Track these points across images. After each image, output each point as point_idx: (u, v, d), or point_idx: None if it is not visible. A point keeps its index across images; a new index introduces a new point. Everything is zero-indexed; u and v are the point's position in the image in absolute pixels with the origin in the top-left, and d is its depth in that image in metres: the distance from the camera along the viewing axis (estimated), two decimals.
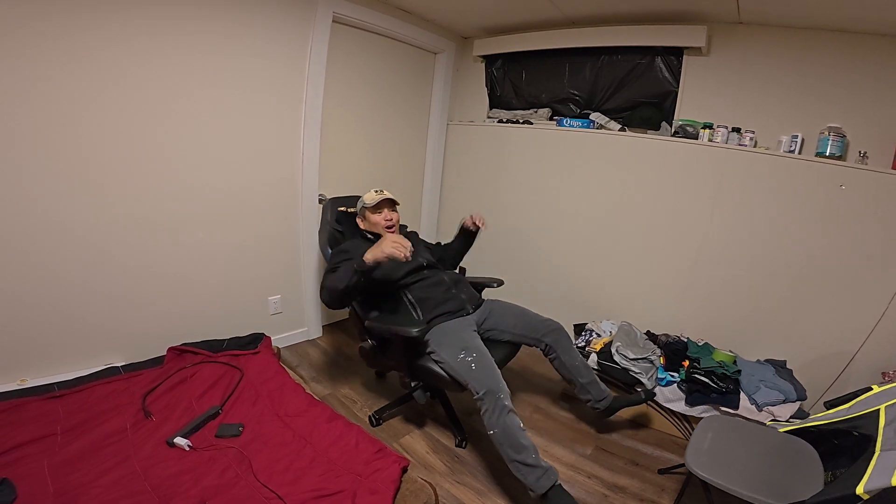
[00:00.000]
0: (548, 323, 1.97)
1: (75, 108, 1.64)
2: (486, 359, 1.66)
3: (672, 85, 2.25)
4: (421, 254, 1.99)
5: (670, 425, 2.12)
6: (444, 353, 1.69)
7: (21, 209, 1.61)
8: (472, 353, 1.65)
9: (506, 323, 1.96)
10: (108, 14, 1.62)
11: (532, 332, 1.94)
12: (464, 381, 1.62)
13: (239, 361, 2.04)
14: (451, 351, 1.68)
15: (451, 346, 1.70)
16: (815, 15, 1.78)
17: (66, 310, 1.78)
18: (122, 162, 1.79)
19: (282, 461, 1.54)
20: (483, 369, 1.62)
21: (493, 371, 1.63)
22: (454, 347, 1.69)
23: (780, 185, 1.99)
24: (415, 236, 2.14)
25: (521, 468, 1.51)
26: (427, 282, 1.92)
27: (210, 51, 1.90)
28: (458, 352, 1.66)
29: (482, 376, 1.59)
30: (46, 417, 1.53)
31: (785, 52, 1.96)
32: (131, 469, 1.41)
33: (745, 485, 1.31)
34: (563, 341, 1.95)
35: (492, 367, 1.64)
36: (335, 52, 2.33)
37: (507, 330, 1.95)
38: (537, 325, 1.95)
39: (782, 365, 2.08)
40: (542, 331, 1.93)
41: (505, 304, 2.05)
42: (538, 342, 1.94)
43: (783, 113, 1.99)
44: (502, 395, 1.57)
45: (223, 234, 2.15)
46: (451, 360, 1.66)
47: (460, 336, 1.74)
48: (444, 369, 1.69)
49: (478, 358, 1.64)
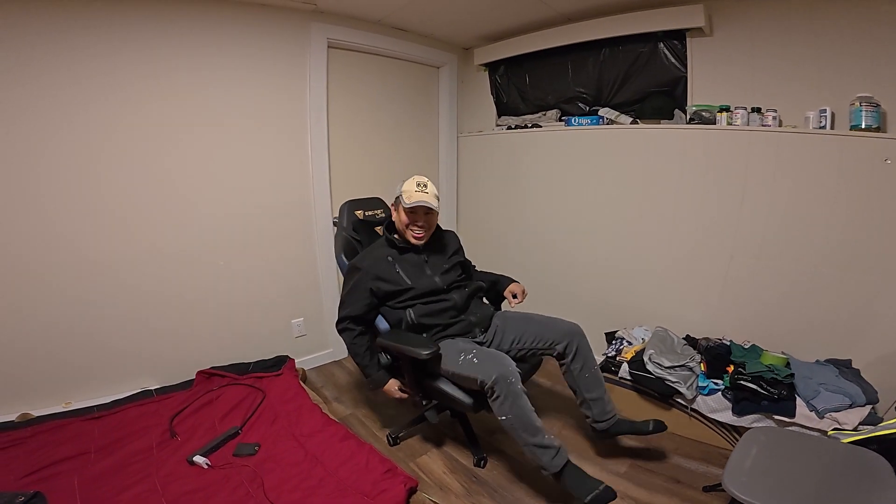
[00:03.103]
0: (562, 326, 1.76)
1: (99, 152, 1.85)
2: (486, 351, 1.61)
3: (680, 70, 2.11)
4: (440, 271, 1.83)
5: (718, 437, 1.90)
6: (446, 366, 1.64)
7: (61, 249, 1.81)
8: (472, 350, 1.60)
9: (507, 340, 1.79)
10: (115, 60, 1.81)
11: (539, 342, 1.76)
12: (472, 379, 1.53)
13: (262, 383, 2.12)
14: (450, 359, 1.62)
15: (450, 354, 1.64)
16: None
17: (105, 339, 1.96)
18: (145, 200, 1.97)
19: (292, 480, 1.57)
20: (487, 359, 1.55)
21: (498, 357, 1.55)
22: (453, 354, 1.63)
23: (816, 164, 1.78)
24: (446, 246, 1.92)
25: (535, 450, 1.49)
26: (433, 307, 1.76)
27: (215, 89, 2.06)
28: (458, 356, 1.60)
29: (488, 365, 1.51)
30: (84, 437, 1.68)
31: (793, 22, 1.79)
32: (151, 485, 1.49)
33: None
34: (579, 347, 1.73)
35: (495, 354, 1.58)
36: (336, 76, 2.43)
37: (511, 348, 1.78)
38: (546, 332, 1.76)
39: (847, 365, 1.81)
40: (551, 337, 1.74)
41: (515, 317, 1.87)
42: (550, 350, 1.75)
43: (805, 87, 1.79)
44: (513, 378, 1.48)
45: (242, 261, 2.28)
46: (453, 367, 1.60)
47: (457, 346, 1.68)
48: (453, 380, 1.63)
49: (478, 353, 1.58)
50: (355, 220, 2.02)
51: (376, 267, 1.73)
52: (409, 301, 1.75)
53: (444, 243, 1.92)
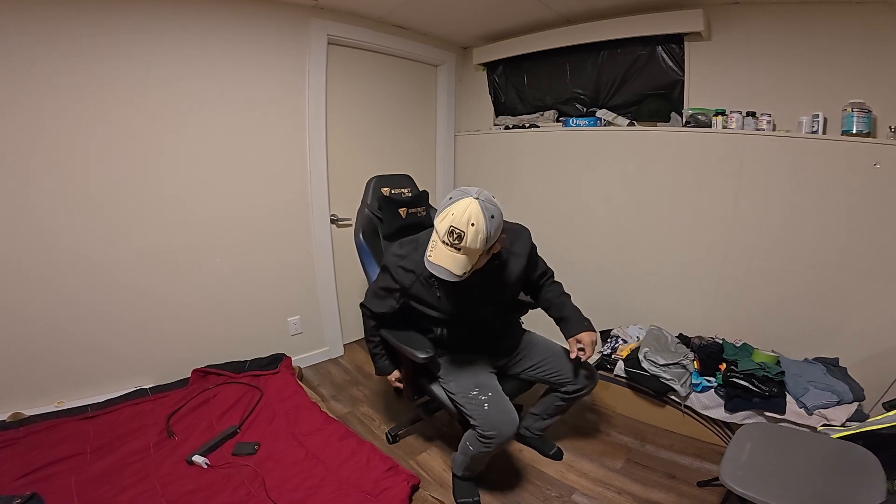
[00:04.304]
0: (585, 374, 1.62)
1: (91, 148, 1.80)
2: (500, 399, 1.47)
3: (677, 73, 2.15)
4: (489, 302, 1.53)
5: (710, 433, 1.95)
6: (454, 385, 1.53)
7: (53, 245, 1.77)
8: (487, 392, 1.48)
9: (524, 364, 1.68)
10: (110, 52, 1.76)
11: (555, 376, 1.64)
12: (471, 418, 1.45)
13: (259, 382, 2.10)
14: (462, 384, 1.51)
15: (463, 379, 1.53)
16: None
17: (98, 337, 1.91)
18: (138, 197, 1.93)
19: (293, 479, 1.56)
20: (497, 413, 1.43)
21: (508, 414, 1.44)
22: (467, 381, 1.52)
23: (807, 168, 1.83)
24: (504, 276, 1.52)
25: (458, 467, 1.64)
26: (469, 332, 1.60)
27: (213, 85, 2.02)
28: (472, 387, 1.49)
29: (495, 419, 1.42)
30: (78, 437, 1.64)
31: (790, 29, 1.83)
32: (150, 486, 1.47)
33: (792, 499, 1.17)
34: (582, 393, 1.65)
35: (507, 409, 1.45)
36: (335, 73, 2.41)
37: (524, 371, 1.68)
38: (568, 372, 1.61)
39: (834, 363, 1.87)
40: (570, 378, 1.61)
41: (541, 344, 1.71)
42: (560, 385, 1.64)
43: (799, 93, 1.84)
44: (510, 439, 1.44)
45: (238, 259, 2.25)
46: (460, 395, 1.50)
47: (474, 370, 1.56)
48: (453, 400, 1.53)
49: (493, 397, 1.47)
50: (380, 197, 1.90)
51: (414, 287, 1.46)
52: (444, 322, 1.58)
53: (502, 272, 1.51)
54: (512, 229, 1.51)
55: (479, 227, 1.18)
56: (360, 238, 1.83)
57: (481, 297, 1.49)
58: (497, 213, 1.24)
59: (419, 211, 2.02)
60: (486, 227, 1.18)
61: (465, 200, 1.20)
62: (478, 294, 1.47)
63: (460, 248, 1.20)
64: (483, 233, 1.18)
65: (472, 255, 1.22)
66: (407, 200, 1.97)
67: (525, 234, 1.56)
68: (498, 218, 1.24)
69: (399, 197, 1.96)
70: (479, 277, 1.40)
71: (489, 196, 1.25)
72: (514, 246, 1.51)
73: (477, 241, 1.19)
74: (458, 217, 1.19)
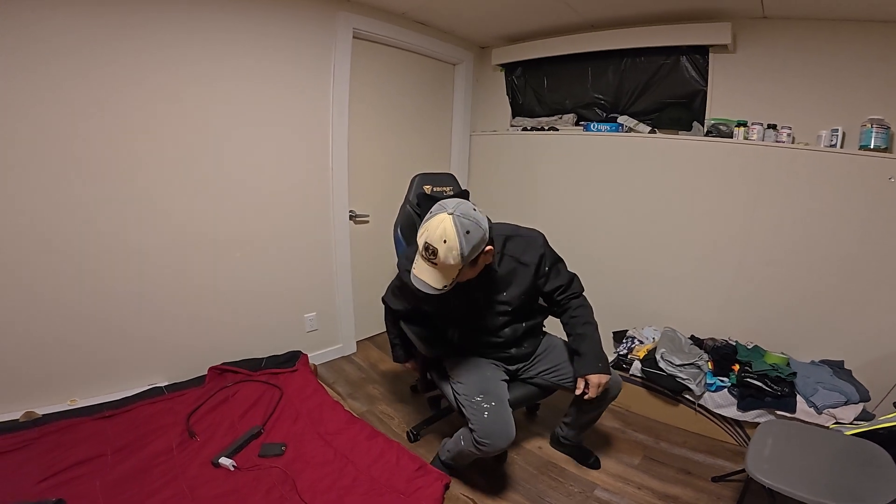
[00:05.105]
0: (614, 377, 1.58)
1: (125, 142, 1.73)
2: (502, 410, 1.45)
3: (700, 84, 2.20)
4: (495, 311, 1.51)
5: (722, 431, 2.03)
6: (461, 386, 1.53)
7: (65, 243, 1.68)
8: (491, 401, 1.45)
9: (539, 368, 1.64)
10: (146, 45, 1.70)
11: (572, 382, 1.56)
12: (469, 422, 1.45)
13: (278, 380, 2.05)
14: (470, 387, 1.51)
15: (471, 382, 1.52)
16: (839, 7, 1.74)
17: (111, 333, 1.83)
18: (159, 194, 1.85)
19: (325, 480, 1.53)
20: (495, 423, 1.42)
21: (506, 427, 1.42)
22: (474, 385, 1.51)
23: (824, 180, 1.91)
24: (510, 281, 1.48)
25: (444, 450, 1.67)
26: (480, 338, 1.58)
27: (239, 78, 1.96)
28: (476, 392, 1.48)
29: (493, 429, 1.41)
30: (97, 437, 1.56)
31: (815, 45, 1.90)
32: (179, 489, 1.42)
33: (814, 491, 1.23)
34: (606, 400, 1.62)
35: (506, 421, 1.43)
36: (357, 68, 2.36)
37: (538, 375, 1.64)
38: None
39: (840, 365, 1.97)
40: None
41: (561, 347, 1.68)
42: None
43: (820, 107, 1.92)
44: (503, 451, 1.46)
45: (258, 254, 2.19)
46: (465, 397, 1.50)
47: (484, 375, 1.55)
48: (457, 399, 1.53)
49: (496, 407, 1.44)
50: (420, 194, 1.90)
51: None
52: (453, 325, 1.60)
53: (507, 282, 1.47)
54: (523, 237, 1.48)
55: (452, 244, 1.17)
56: (398, 233, 1.87)
57: (487, 306, 1.49)
58: (474, 228, 1.21)
59: None
60: (459, 243, 1.18)
61: (440, 216, 1.20)
62: (483, 302, 1.48)
63: (436, 262, 1.21)
64: (456, 249, 1.18)
65: (448, 270, 1.22)
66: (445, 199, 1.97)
67: (536, 243, 1.48)
68: (475, 233, 1.21)
69: (441, 195, 1.95)
70: (480, 287, 1.42)
71: (468, 210, 1.23)
72: (524, 255, 1.46)
73: (449, 258, 1.19)
74: (431, 233, 1.20)
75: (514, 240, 1.46)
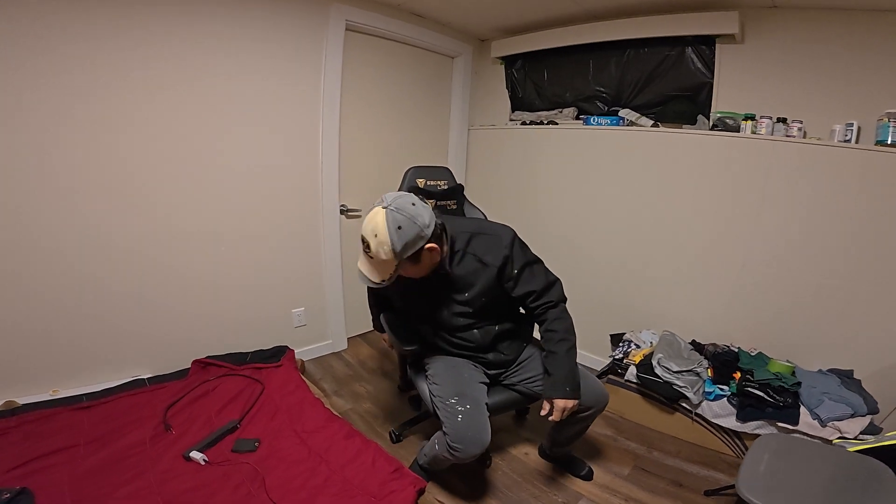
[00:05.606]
0: (594, 390, 1.48)
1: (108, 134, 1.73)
2: (477, 415, 1.38)
3: (706, 76, 2.09)
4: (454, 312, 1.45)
5: (719, 442, 1.93)
6: (437, 388, 1.46)
7: (51, 233, 1.68)
8: (466, 404, 1.38)
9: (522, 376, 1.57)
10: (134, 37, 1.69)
11: None
12: (443, 424, 1.39)
13: (261, 375, 2.03)
14: (444, 388, 1.44)
15: (447, 383, 1.46)
16: None
17: (97, 322, 1.83)
18: (143, 185, 1.84)
19: (296, 479, 1.51)
20: (468, 428, 1.35)
21: (480, 433, 1.35)
22: (449, 387, 1.44)
23: (837, 177, 1.79)
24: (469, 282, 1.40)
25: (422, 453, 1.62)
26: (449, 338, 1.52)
27: (231, 73, 1.95)
28: (451, 394, 1.41)
29: (465, 435, 1.34)
30: (73, 428, 1.57)
31: (827, 36, 1.78)
32: (147, 483, 1.41)
33: None
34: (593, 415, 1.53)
35: (480, 427, 1.36)
36: (350, 61, 2.32)
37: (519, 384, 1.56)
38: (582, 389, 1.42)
39: (849, 375, 1.85)
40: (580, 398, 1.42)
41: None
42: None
43: (833, 101, 1.79)
44: (476, 457, 1.37)
45: (244, 248, 2.17)
46: (440, 399, 1.43)
47: (461, 376, 1.48)
48: (432, 400, 1.47)
49: (470, 410, 1.37)
50: (412, 188, 1.85)
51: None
52: (420, 321, 1.57)
53: (467, 278, 1.39)
54: (488, 235, 1.39)
55: (383, 239, 1.15)
56: None
57: (445, 305, 1.43)
58: (408, 224, 1.16)
59: (449, 204, 1.96)
60: (389, 238, 1.14)
61: (376, 209, 1.18)
62: (443, 301, 1.43)
63: (371, 256, 1.19)
64: (387, 244, 1.15)
65: (383, 264, 1.20)
66: (438, 193, 1.92)
67: (501, 243, 1.36)
68: (409, 229, 1.16)
69: (434, 189, 1.91)
70: (440, 285, 1.38)
71: (404, 205, 1.18)
72: (486, 255, 1.36)
73: (381, 252, 1.17)
74: (365, 226, 1.18)
75: (478, 238, 1.38)
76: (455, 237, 1.35)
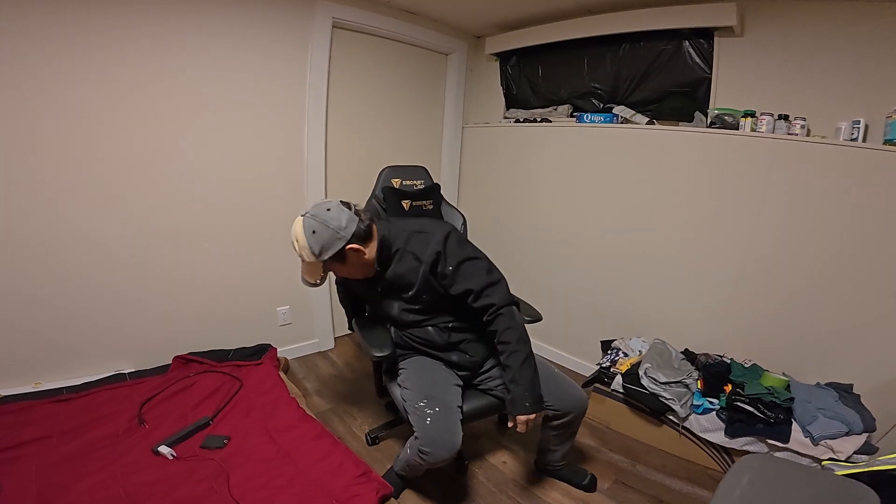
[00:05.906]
0: (572, 395, 1.48)
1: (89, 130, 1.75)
2: (447, 418, 1.35)
3: (704, 71, 1.98)
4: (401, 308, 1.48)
5: (707, 457, 1.83)
6: (407, 392, 1.44)
7: (36, 227, 1.71)
8: (435, 407, 1.36)
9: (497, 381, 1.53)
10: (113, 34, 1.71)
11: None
12: (413, 428, 1.37)
13: (241, 372, 2.04)
14: (413, 392, 1.42)
15: (416, 386, 1.44)
16: None
17: (82, 317, 1.87)
18: (127, 181, 1.87)
19: (260, 477, 1.50)
20: (438, 431, 1.32)
21: (450, 437, 1.32)
22: (419, 390, 1.42)
23: (842, 177, 1.66)
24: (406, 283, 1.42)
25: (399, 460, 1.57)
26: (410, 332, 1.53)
27: (209, 63, 1.94)
28: (420, 397, 1.39)
29: (434, 438, 1.32)
30: (49, 420, 1.60)
31: (832, 27, 1.65)
32: (111, 474, 1.42)
33: None
34: (573, 420, 1.52)
35: (451, 430, 1.33)
36: (338, 59, 2.30)
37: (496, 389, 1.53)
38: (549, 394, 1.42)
39: (847, 389, 1.72)
40: (553, 403, 1.44)
41: None
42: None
43: (839, 97, 1.67)
44: (447, 461, 1.34)
45: (228, 245, 2.18)
46: (410, 402, 1.41)
47: (431, 379, 1.46)
48: (403, 404, 1.45)
49: (439, 413, 1.35)
50: (387, 188, 1.82)
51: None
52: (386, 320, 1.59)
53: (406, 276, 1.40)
54: (426, 233, 1.38)
55: (302, 244, 1.26)
56: None
57: (395, 300, 1.49)
58: (321, 228, 1.25)
59: (425, 204, 1.92)
60: (307, 242, 1.25)
61: (298, 217, 1.30)
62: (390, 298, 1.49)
63: (301, 259, 1.31)
64: (306, 249, 1.26)
65: (311, 266, 1.33)
66: (413, 192, 1.88)
67: (434, 239, 1.35)
68: (322, 233, 1.25)
69: (411, 189, 1.88)
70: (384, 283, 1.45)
71: (320, 211, 1.28)
72: (422, 253, 1.36)
73: (304, 255, 1.29)
74: (291, 231, 1.29)
75: (417, 236, 1.39)
76: (396, 237, 1.40)
